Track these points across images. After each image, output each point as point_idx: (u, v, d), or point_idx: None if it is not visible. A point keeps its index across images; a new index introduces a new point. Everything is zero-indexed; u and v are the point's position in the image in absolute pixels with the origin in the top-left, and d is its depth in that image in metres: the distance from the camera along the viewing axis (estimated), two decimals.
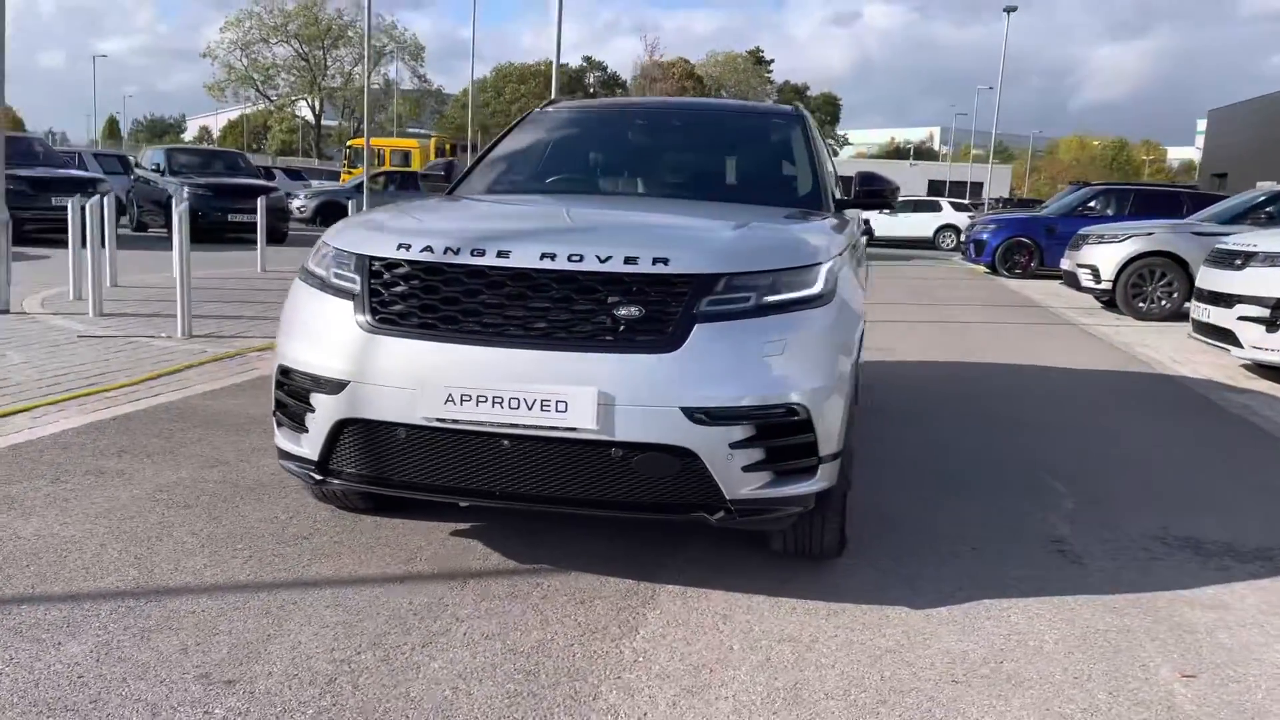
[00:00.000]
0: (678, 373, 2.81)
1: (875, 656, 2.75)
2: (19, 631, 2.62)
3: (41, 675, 2.41)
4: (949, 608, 3.10)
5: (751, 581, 3.21)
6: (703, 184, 4.49)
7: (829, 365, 3.00)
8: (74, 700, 2.30)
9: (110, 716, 2.25)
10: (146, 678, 2.42)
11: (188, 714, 2.28)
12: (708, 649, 2.74)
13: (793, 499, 2.98)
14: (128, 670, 2.45)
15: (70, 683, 2.38)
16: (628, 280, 2.89)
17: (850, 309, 3.20)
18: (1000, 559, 3.54)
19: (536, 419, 2.82)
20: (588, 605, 2.98)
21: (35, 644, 2.55)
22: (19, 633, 2.62)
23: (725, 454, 2.84)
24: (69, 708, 2.27)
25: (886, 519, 3.91)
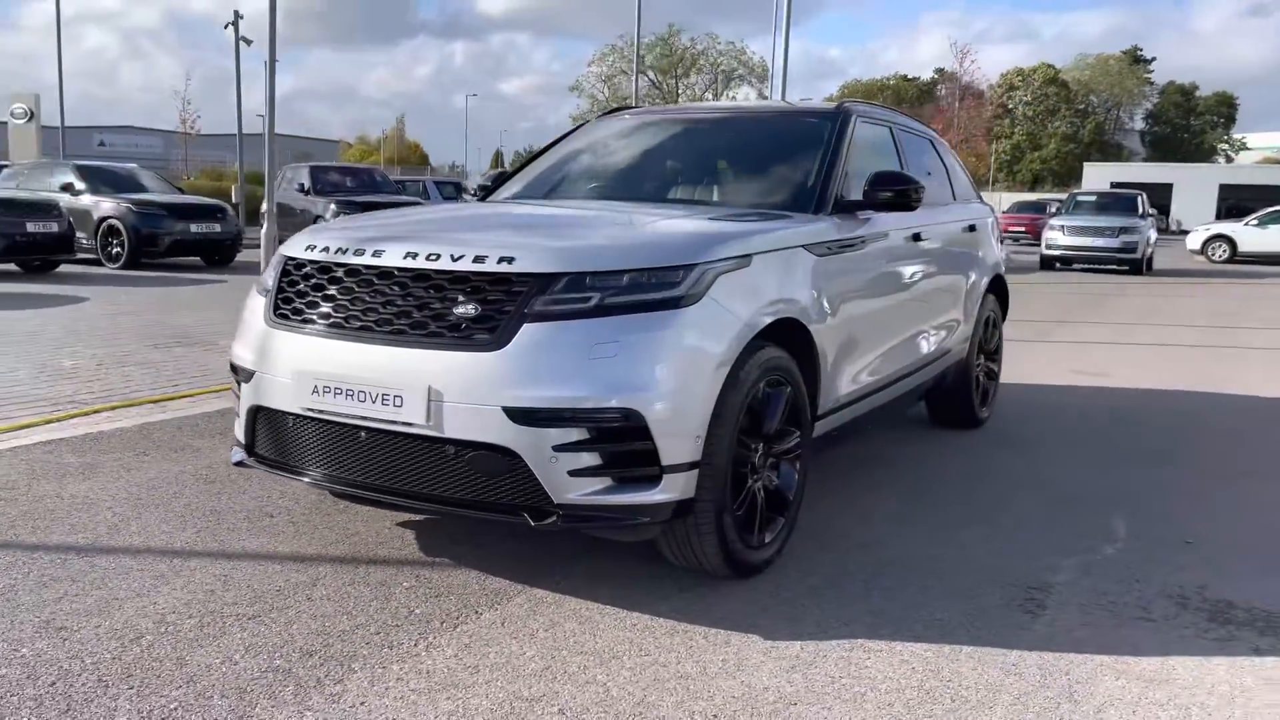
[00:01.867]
0: (501, 372, 2.80)
1: (661, 680, 2.57)
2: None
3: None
4: (812, 642, 2.81)
5: (628, 595, 3.09)
6: (697, 189, 4.34)
7: (677, 371, 2.83)
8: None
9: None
10: (2, 618, 2.80)
11: (2, 649, 2.61)
12: (500, 653, 2.70)
13: (633, 508, 2.85)
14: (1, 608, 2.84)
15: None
16: (472, 279, 2.91)
17: (730, 315, 2.98)
18: (939, 600, 3.14)
19: (379, 412, 2.93)
20: (440, 599, 3.02)
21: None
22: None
23: (549, 456, 2.78)
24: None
25: (866, 548, 3.58)
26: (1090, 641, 2.87)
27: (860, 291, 3.86)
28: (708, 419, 2.91)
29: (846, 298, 3.73)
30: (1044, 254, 21.12)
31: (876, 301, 4.03)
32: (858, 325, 3.85)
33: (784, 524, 3.39)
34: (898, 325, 4.26)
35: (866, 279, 3.93)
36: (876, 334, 4.05)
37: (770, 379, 3.22)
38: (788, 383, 3.32)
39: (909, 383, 4.50)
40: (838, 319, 3.66)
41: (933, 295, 4.65)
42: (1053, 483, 4.51)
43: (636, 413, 2.78)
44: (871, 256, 3.96)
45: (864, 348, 3.94)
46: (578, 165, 4.68)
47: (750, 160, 4.35)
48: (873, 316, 4.00)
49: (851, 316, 3.78)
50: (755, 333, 3.07)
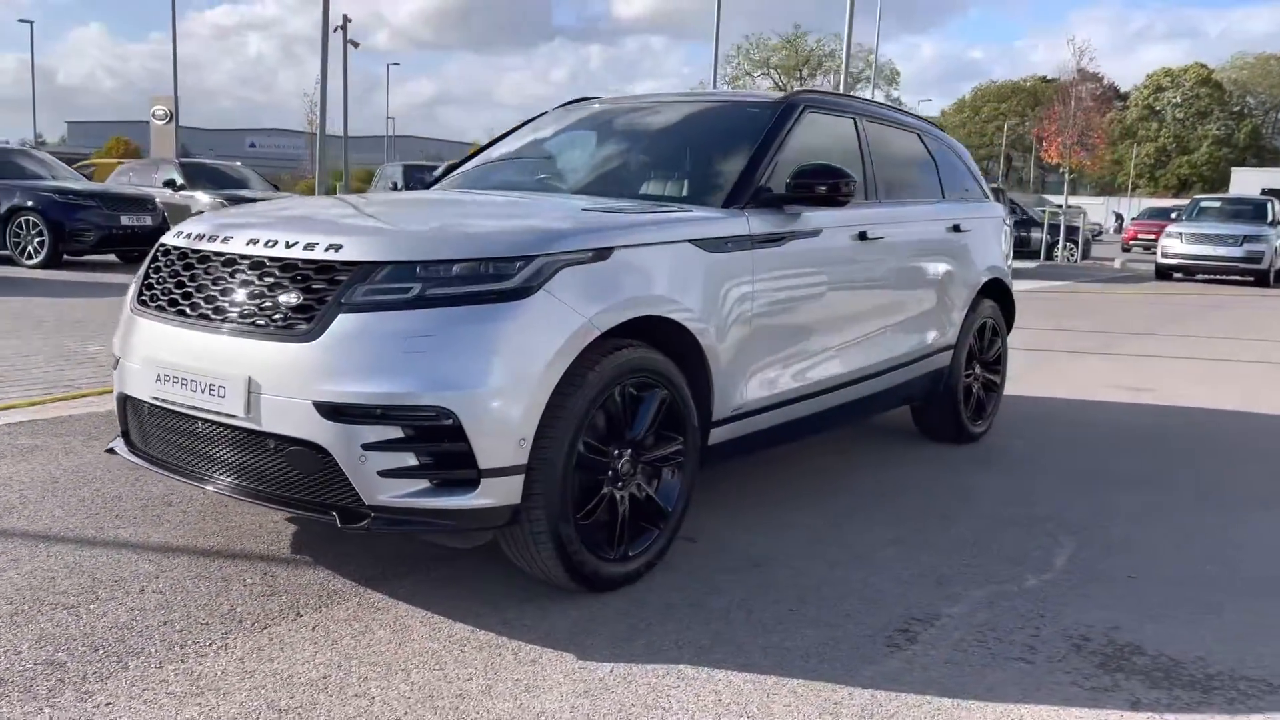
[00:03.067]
0: (313, 364, 2.69)
1: (434, 698, 2.41)
2: None
3: None
4: (628, 665, 2.61)
5: (467, 604, 2.94)
6: (621, 179, 4.13)
7: (497, 369, 2.67)
8: None
9: None
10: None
11: None
12: (288, 659, 2.57)
13: (449, 513, 2.70)
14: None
15: None
16: (300, 266, 2.81)
17: (570, 311, 2.79)
18: (800, 626, 2.88)
19: (207, 403, 2.86)
20: (273, 597, 2.93)
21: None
22: None
23: (358, 455, 2.66)
24: None
25: (758, 566, 3.34)
26: (939, 683, 2.58)
27: (778, 292, 3.61)
28: (536, 421, 2.73)
29: (757, 297, 3.48)
30: (1159, 263, 19.92)
31: (804, 303, 3.76)
32: (775, 328, 3.60)
33: (658, 536, 3.17)
34: (837, 329, 3.98)
35: (788, 279, 3.66)
36: (803, 338, 3.78)
37: (635, 381, 3.02)
38: (662, 386, 3.11)
39: (860, 390, 4.20)
40: (742, 320, 3.42)
41: (894, 298, 4.34)
42: (1021, 504, 4.15)
43: (450, 412, 2.63)
44: (796, 255, 3.70)
45: (784, 352, 3.68)
46: (518, 154, 4.54)
47: (681, 151, 4.14)
48: (798, 319, 3.74)
49: (765, 318, 3.53)
50: (602, 331, 2.87)
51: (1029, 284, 17.18)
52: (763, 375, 3.58)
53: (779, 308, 3.62)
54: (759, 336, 3.52)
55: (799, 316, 3.74)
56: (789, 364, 3.72)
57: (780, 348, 3.65)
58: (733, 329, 3.39)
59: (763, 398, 3.61)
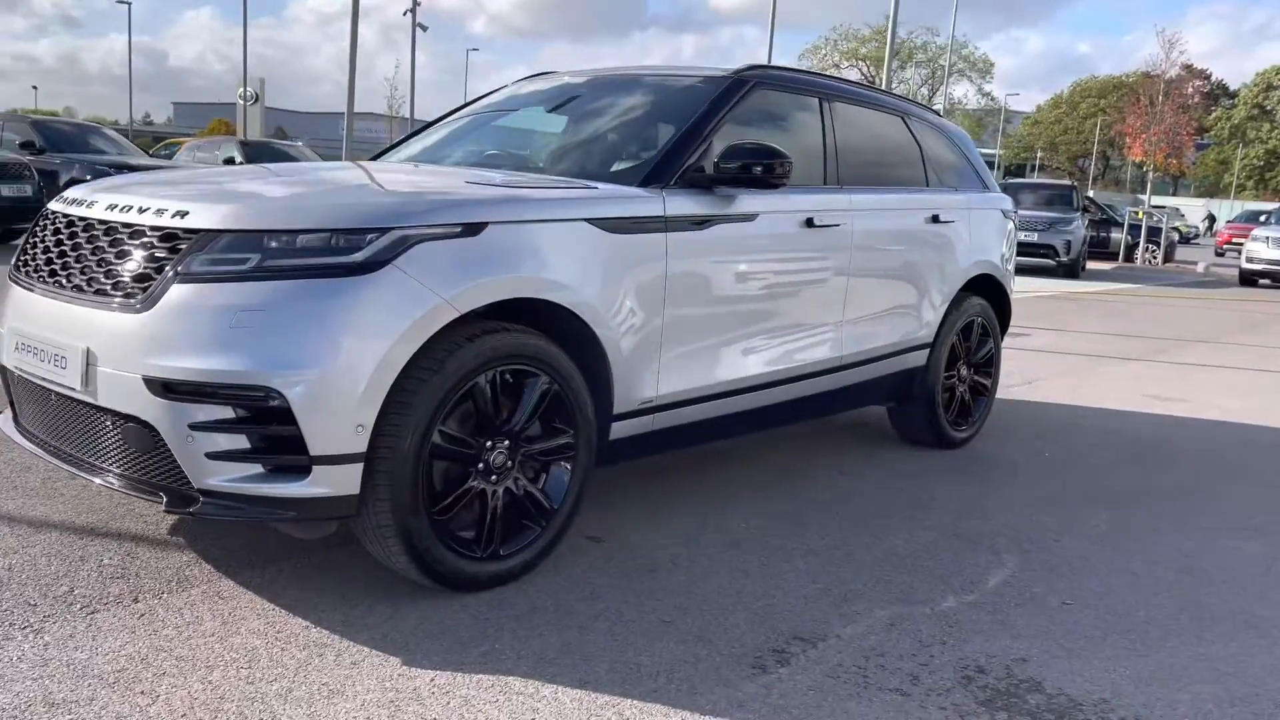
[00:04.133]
0: (144, 336, 2.54)
1: (218, 701, 2.24)
2: None
3: None
4: (452, 674, 2.41)
5: (322, 599, 2.78)
6: (548, 153, 3.90)
7: (331, 348, 2.48)
8: None
9: None
10: None
11: None
12: (90, 650, 2.43)
13: (280, 501, 2.52)
14: None
15: None
16: (147, 233, 2.67)
17: (422, 289, 2.59)
18: (664, 642, 2.64)
19: (51, 373, 2.75)
20: (119, 580, 2.80)
21: None
22: None
23: (185, 434, 2.50)
24: None
25: (653, 572, 3.11)
26: (790, 712, 2.32)
27: (699, 279, 3.35)
28: (377, 407, 2.54)
29: (672, 284, 3.23)
30: (1243, 268, 18.89)
31: (732, 292, 3.50)
32: (695, 318, 3.35)
33: (539, 534, 2.96)
34: (774, 322, 3.70)
35: (711, 265, 3.40)
36: (731, 329, 3.52)
37: (510, 368, 2.81)
38: (545, 374, 2.89)
39: (807, 388, 3.92)
40: (651, 308, 3.18)
41: (850, 291, 4.03)
42: (978, 517, 3.82)
43: (277, 393, 2.45)
44: (724, 241, 3.44)
45: (706, 343, 3.43)
46: (462, 127, 4.34)
47: (615, 126, 3.89)
48: (724, 309, 3.48)
49: (682, 306, 3.28)
50: (462, 313, 2.66)
51: (1099, 285, 16.46)
52: (679, 368, 3.34)
53: (700, 296, 3.37)
54: (675, 326, 3.27)
55: (725, 306, 3.48)
56: (712, 357, 3.46)
57: (701, 339, 3.40)
58: (639, 317, 3.15)
59: (678, 392, 3.36)
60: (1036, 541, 3.59)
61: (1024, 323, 9.63)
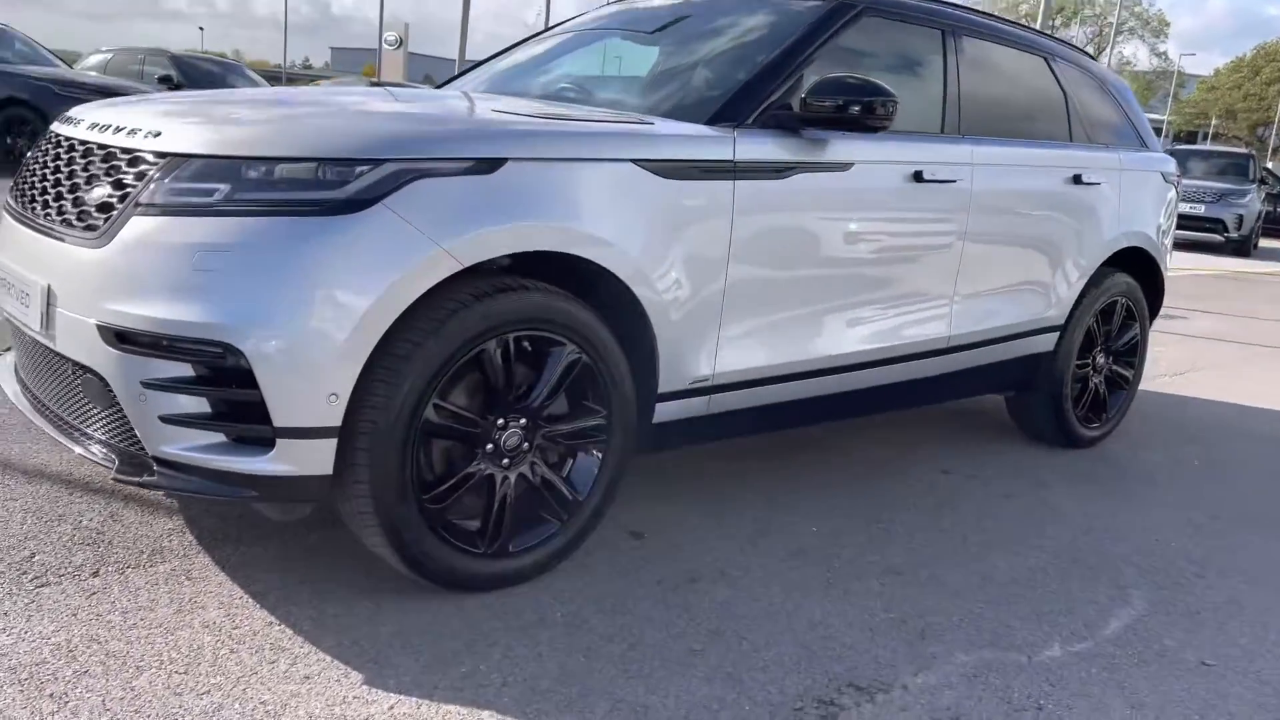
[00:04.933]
0: (100, 275, 2.20)
1: (158, 695, 1.88)
2: None
3: None
4: (420, 700, 2.00)
5: (311, 587, 2.42)
6: (619, 85, 3.40)
7: (301, 301, 2.08)
8: None
9: None
10: None
11: None
12: (31, 628, 2.12)
13: (238, 478, 2.15)
14: None
15: None
16: (119, 155, 2.31)
17: (415, 233, 2.15)
18: (674, 677, 2.18)
19: (19, 312, 2.45)
20: (90, 548, 2.50)
21: None
22: None
23: (137, 393, 2.15)
24: None
25: (692, 577, 2.64)
26: None
27: (772, 237, 2.83)
28: (354, 374, 2.13)
29: (738, 242, 2.73)
30: None
31: (813, 254, 2.96)
32: (764, 283, 2.84)
33: (559, 530, 2.53)
34: (865, 293, 3.14)
35: (789, 221, 2.87)
36: (810, 299, 2.99)
37: (528, 334, 2.37)
38: (572, 343, 2.44)
39: (902, 372, 3.35)
40: (710, 270, 2.68)
41: (964, 259, 3.42)
42: (1106, 537, 3.21)
43: (236, 349, 2.07)
44: (807, 193, 2.89)
45: (779, 315, 2.91)
46: (535, 56, 3.87)
47: (692, 56, 3.35)
48: (801, 274, 2.95)
49: (749, 268, 2.77)
50: (465, 265, 2.22)
51: (1272, 266, 14.98)
52: (743, 342, 2.83)
53: (773, 258, 2.84)
54: (739, 293, 2.76)
55: (805, 271, 2.94)
56: (785, 332, 2.94)
57: (772, 310, 2.88)
58: (694, 281, 2.65)
59: (741, 370, 2.85)
60: (1174, 576, 2.96)
61: (1180, 304, 8.67)
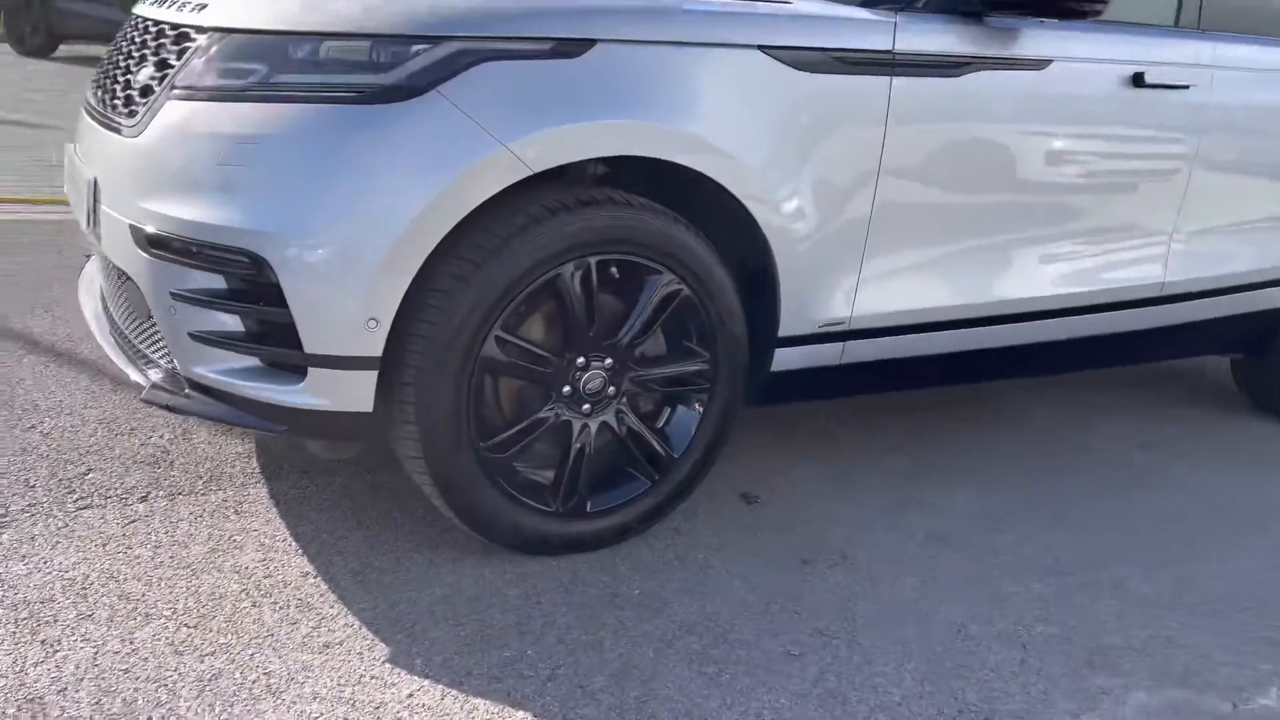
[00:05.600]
0: (136, 169, 1.96)
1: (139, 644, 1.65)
2: None
3: None
4: (414, 684, 1.69)
5: (359, 530, 2.16)
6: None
7: (340, 205, 1.76)
8: None
9: None
10: None
11: None
12: (26, 542, 1.94)
13: (267, 409, 1.88)
14: None
15: None
16: (166, 31, 2.04)
17: (475, 129, 1.78)
18: (756, 688, 1.78)
19: (76, 208, 2.25)
20: (150, 468, 2.32)
21: None
22: None
23: (168, 305, 1.90)
24: None
25: (805, 558, 2.22)
26: None
27: (939, 150, 2.29)
28: (398, 296, 1.80)
29: (891, 155, 2.22)
30: None
31: (992, 174, 2.40)
32: (923, 209, 2.32)
33: (648, 490, 2.15)
34: (1056, 226, 2.55)
35: (963, 130, 2.32)
36: (985, 231, 2.44)
37: (618, 258, 1.97)
38: (671, 271, 2.02)
39: (1103, 323, 2.76)
40: (851, 188, 2.20)
41: (1192, 187, 2.75)
42: None
43: (262, 259, 1.77)
44: (987, 96, 2.33)
45: (941, 249, 2.39)
46: None
47: None
48: (974, 199, 2.40)
49: (904, 188, 2.26)
50: (535, 171, 1.83)
51: None
52: (892, 280, 2.33)
53: (937, 176, 2.31)
54: (891, 219, 2.26)
55: (976, 195, 2.40)
56: (950, 269, 2.41)
57: (933, 242, 2.37)
58: (831, 202, 2.17)
59: (888, 313, 2.36)
60: None
61: None
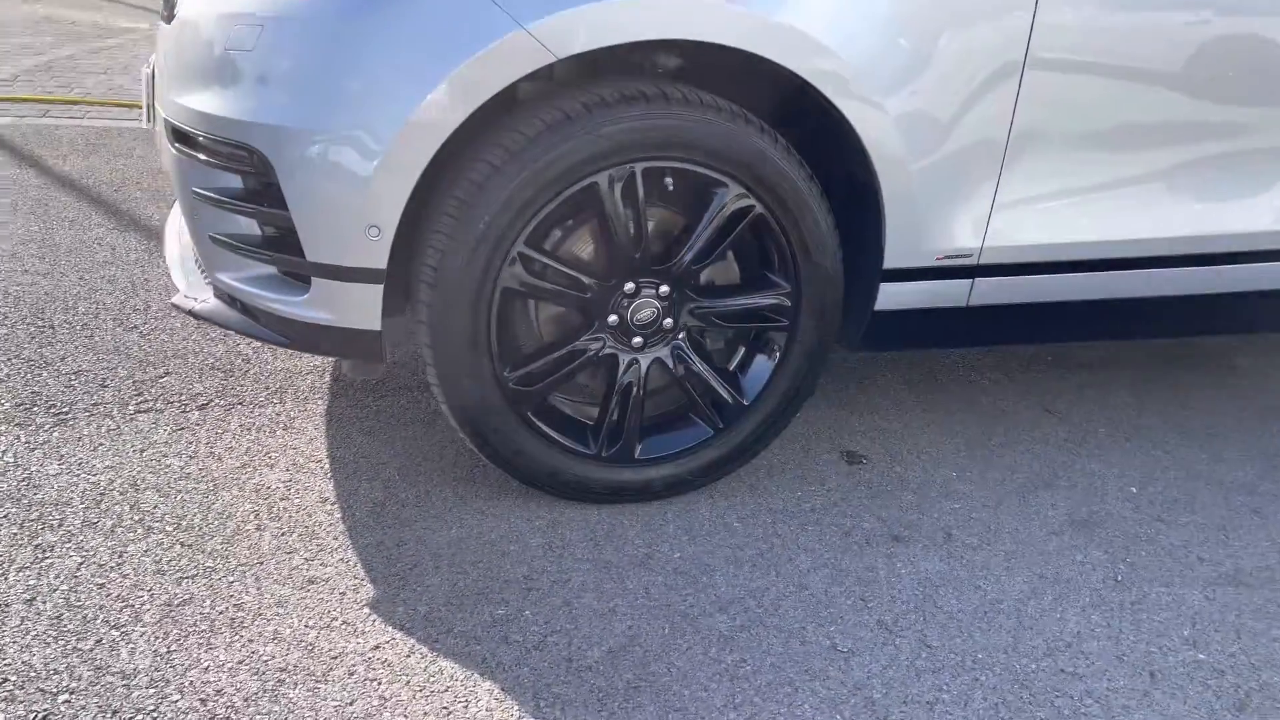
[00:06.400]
0: (168, 57, 1.85)
1: None
2: None
3: None
4: (432, 665, 1.51)
5: (410, 462, 2.01)
6: None
7: (334, 93, 1.57)
8: None
9: None
10: None
11: None
12: (71, 442, 1.90)
13: (275, 320, 1.74)
14: None
15: None
16: None
17: (486, 9, 1.52)
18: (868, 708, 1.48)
19: None
20: (225, 376, 2.27)
21: None
22: None
23: (191, 205, 1.80)
24: None
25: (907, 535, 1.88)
26: None
27: (1103, 40, 1.81)
28: (401, 199, 1.59)
29: (1044, 45, 1.77)
30: None
31: (1186, 74, 1.88)
32: (1081, 115, 1.85)
33: (710, 440, 1.87)
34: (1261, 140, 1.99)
35: (1139, 18, 1.82)
36: (1173, 142, 1.93)
37: (671, 165, 1.68)
38: (739, 184, 1.71)
39: None
40: (985, 90, 1.77)
41: None
42: None
43: (259, 154, 1.61)
44: None
45: (1119, 168, 1.91)
46: None
47: None
48: (1151, 108, 1.89)
49: (1055, 93, 1.81)
50: (560, 57, 1.55)
51: None
52: (1041, 204, 1.88)
53: (1108, 70, 1.82)
54: (1040, 129, 1.81)
55: (1164, 94, 1.88)
56: (1125, 192, 1.92)
57: (1102, 156, 1.88)
58: (957, 104, 1.75)
59: (1032, 245, 1.92)
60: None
61: None
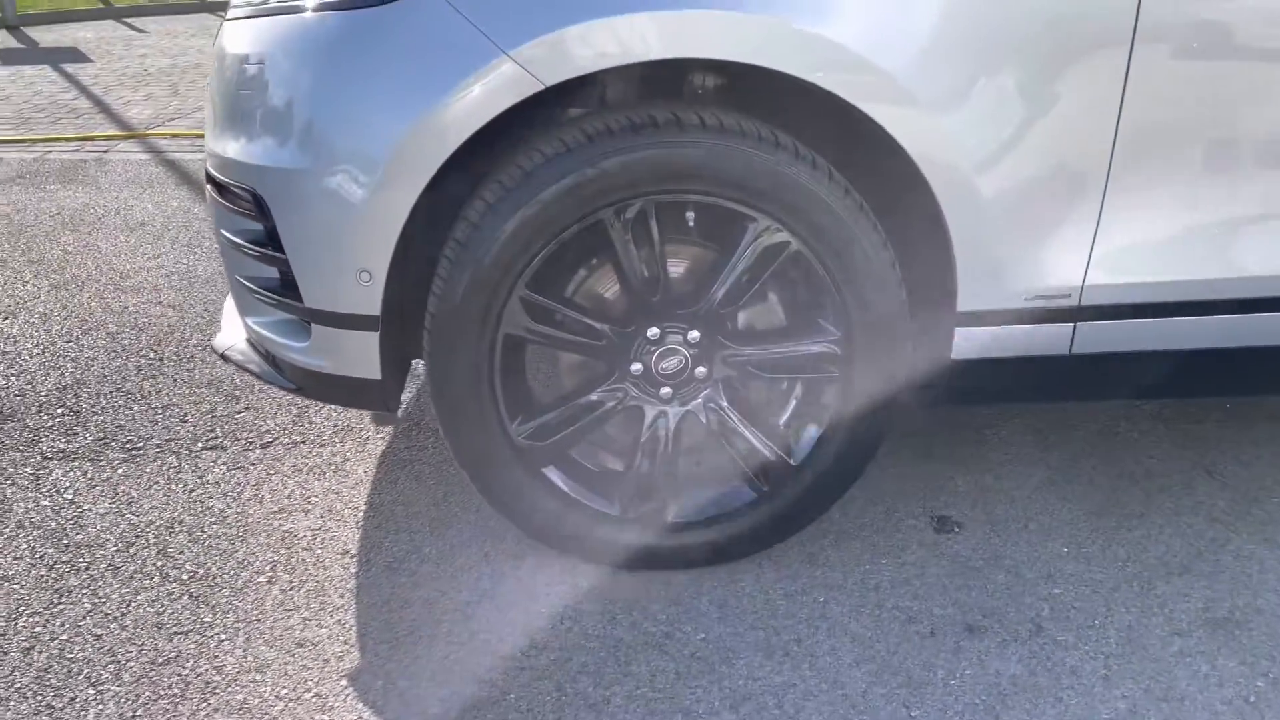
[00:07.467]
0: (211, 100, 1.85)
1: None
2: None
3: None
4: None
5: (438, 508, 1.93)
6: None
7: (319, 129, 1.50)
8: None
9: None
10: None
11: None
12: (132, 479, 1.92)
13: (287, 367, 1.70)
14: None
15: None
16: None
17: (473, 33, 1.40)
18: None
19: None
20: (291, 413, 2.27)
21: None
22: None
23: (221, 244, 1.80)
24: None
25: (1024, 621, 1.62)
26: None
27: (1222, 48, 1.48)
28: (390, 241, 1.49)
29: (1146, 58, 1.47)
30: None
31: None
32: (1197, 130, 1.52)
33: (755, 503, 1.68)
34: None
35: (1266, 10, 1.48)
36: None
37: (682, 199, 1.50)
38: (772, 218, 1.51)
39: None
40: (1081, 105, 1.48)
41: None
42: None
43: (260, 198, 1.57)
44: None
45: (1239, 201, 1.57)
46: None
47: None
48: None
49: (1165, 108, 1.50)
50: (548, 85, 1.41)
51: None
52: (1154, 236, 1.56)
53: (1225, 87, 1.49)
54: (1146, 148, 1.50)
55: None
56: (1251, 218, 1.57)
57: (1230, 181, 1.54)
58: (1050, 123, 1.47)
59: (1144, 284, 1.59)
60: None
61: None
